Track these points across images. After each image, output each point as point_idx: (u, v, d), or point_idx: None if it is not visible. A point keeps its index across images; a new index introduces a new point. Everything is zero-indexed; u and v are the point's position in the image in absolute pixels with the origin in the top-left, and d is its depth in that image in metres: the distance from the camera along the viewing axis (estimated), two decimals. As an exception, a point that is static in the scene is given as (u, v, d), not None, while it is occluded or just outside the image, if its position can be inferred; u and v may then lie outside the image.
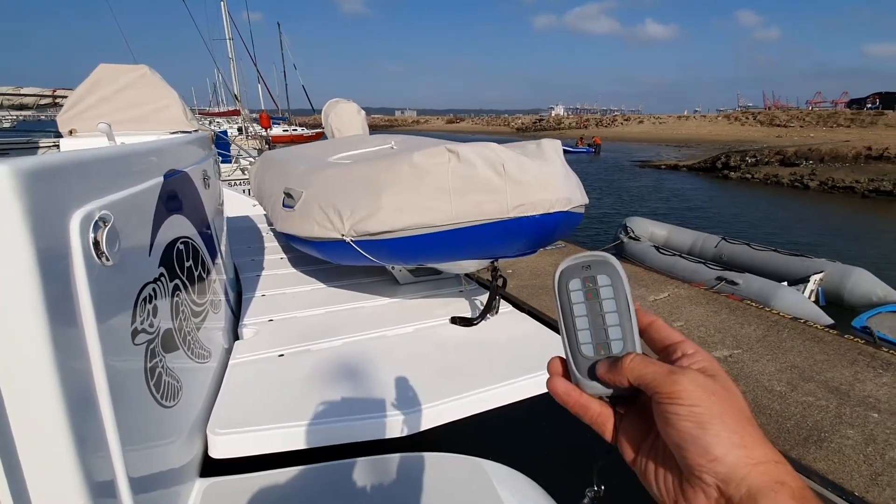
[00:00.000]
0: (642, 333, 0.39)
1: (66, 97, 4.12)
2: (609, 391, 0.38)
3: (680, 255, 6.36)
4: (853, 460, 2.19)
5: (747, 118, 48.66)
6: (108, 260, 0.67)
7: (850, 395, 2.67)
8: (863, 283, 5.24)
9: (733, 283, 5.11)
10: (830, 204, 13.96)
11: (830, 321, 4.36)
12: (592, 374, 0.38)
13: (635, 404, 0.38)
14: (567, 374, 0.40)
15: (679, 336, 0.37)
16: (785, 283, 5.12)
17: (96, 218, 0.66)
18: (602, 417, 0.38)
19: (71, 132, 3.31)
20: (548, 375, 0.41)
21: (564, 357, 0.40)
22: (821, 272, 5.46)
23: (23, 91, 5.77)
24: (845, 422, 2.45)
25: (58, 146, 3.80)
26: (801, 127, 39.72)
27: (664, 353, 0.38)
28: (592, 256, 0.39)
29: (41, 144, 4.67)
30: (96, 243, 0.65)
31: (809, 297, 5.17)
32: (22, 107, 5.98)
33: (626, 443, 0.37)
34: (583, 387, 0.38)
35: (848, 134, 29.62)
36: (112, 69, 3.38)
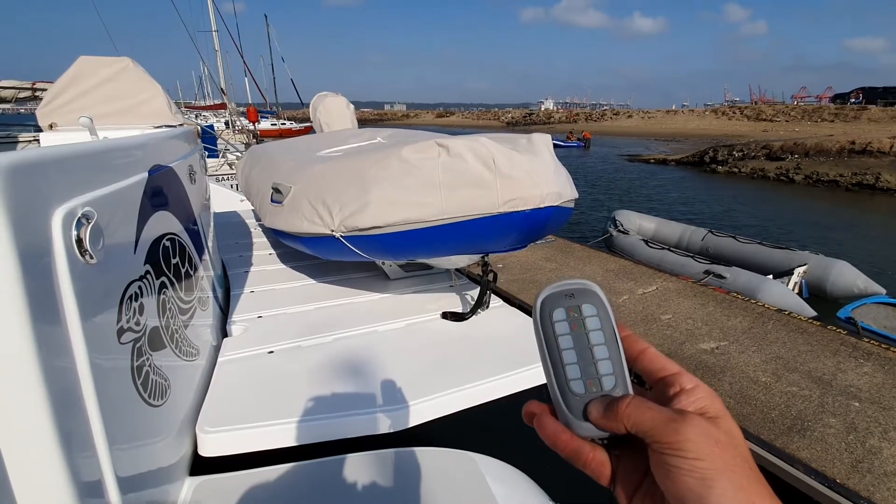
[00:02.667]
0: (634, 362, 0.36)
1: (45, 90, 4.03)
2: (604, 434, 0.34)
3: (668, 249, 6.43)
4: (835, 448, 2.24)
5: (734, 113, 49.14)
6: (91, 258, 0.66)
7: (833, 385, 2.73)
8: (844, 275, 5.34)
9: (721, 276, 5.18)
10: (815, 197, 14.19)
11: (814, 313, 4.45)
12: (584, 414, 0.34)
13: (632, 445, 0.34)
14: (553, 413, 0.36)
15: (675, 367, 0.34)
16: (770, 276, 5.21)
17: (79, 215, 0.65)
18: (596, 461, 0.34)
19: (51, 126, 3.22)
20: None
21: (551, 393, 0.36)
22: (804, 265, 5.55)
23: (1, 84, 5.62)
24: (828, 411, 2.51)
25: (38, 141, 3.71)
26: (787, 121, 40.25)
27: (659, 385, 0.34)
28: (575, 284, 0.36)
29: (21, 139, 4.56)
30: (79, 240, 0.64)
31: (793, 290, 5.27)
32: (0, 100, 5.84)
33: (618, 487, 0.34)
34: (574, 428, 0.34)
35: (832, 128, 30.09)
36: (93, 61, 3.29)
